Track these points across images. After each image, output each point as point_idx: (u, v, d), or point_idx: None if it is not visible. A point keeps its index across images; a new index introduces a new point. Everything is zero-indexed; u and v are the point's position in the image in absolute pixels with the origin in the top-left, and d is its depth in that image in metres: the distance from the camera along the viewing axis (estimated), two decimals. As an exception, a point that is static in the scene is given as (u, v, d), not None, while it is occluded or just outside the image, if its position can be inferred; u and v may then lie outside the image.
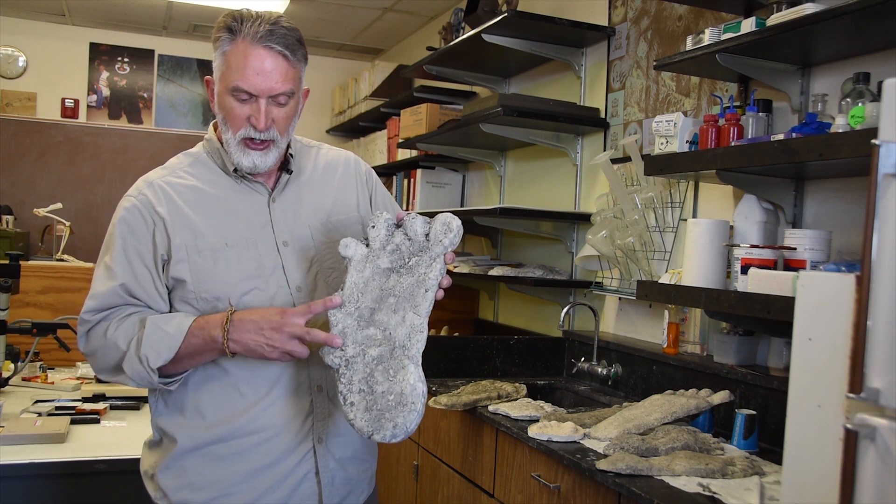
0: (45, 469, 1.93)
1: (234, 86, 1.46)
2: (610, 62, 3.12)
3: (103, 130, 5.63)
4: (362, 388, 1.39)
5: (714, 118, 2.17)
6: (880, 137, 1.14)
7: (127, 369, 1.46)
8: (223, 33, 1.48)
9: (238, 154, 1.52)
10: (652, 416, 2.10)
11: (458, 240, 1.43)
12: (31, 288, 3.39)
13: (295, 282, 1.55)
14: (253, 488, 1.52)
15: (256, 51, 1.45)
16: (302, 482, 1.55)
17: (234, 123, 1.50)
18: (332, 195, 1.66)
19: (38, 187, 5.41)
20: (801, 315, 1.29)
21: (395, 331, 1.40)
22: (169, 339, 1.44)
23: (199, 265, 1.50)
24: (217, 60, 1.50)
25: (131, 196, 1.55)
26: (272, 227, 1.57)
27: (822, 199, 2.13)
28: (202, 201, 1.54)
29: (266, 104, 1.48)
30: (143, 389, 2.61)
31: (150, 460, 1.59)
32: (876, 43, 1.94)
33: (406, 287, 1.41)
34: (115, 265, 1.50)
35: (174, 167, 1.60)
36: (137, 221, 1.52)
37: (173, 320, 1.47)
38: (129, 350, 1.45)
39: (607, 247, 2.75)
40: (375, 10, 4.98)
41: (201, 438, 1.52)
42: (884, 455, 1.10)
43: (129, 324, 1.48)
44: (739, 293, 1.93)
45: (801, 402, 1.28)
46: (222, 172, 1.59)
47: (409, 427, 1.36)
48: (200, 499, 1.52)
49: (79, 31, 5.71)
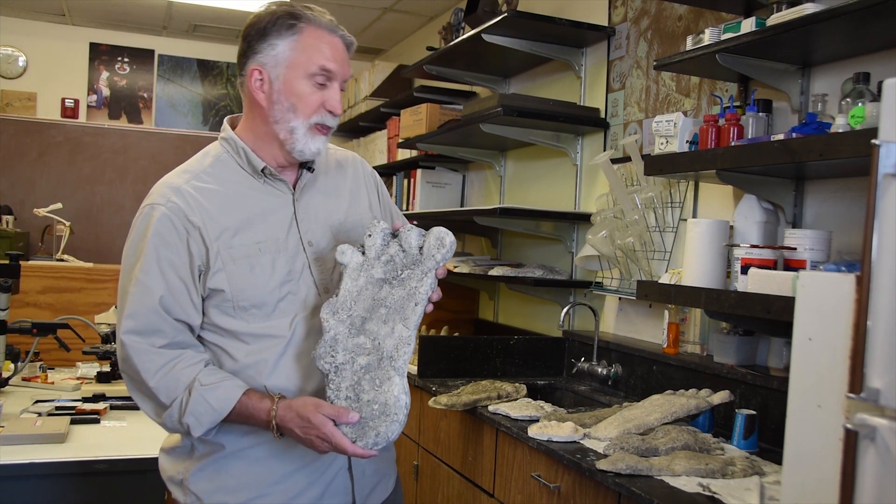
0: (45, 469, 1.93)
1: (320, 66, 1.47)
2: (610, 62, 3.12)
3: (103, 130, 5.63)
4: (349, 396, 1.43)
5: (714, 118, 2.17)
6: (880, 137, 1.14)
7: (166, 421, 1.47)
8: (285, 20, 1.48)
9: (306, 140, 1.50)
10: (652, 416, 2.10)
11: (451, 255, 1.45)
12: (31, 288, 3.39)
13: (322, 283, 1.55)
14: (289, 488, 1.52)
15: (332, 37, 1.50)
16: (335, 478, 1.55)
17: (306, 109, 1.49)
18: (346, 195, 1.65)
19: (38, 187, 5.41)
20: (801, 315, 1.29)
21: (384, 341, 1.43)
22: (212, 413, 1.44)
23: (235, 273, 1.47)
24: (280, 47, 1.48)
25: (159, 204, 1.48)
26: (297, 227, 1.55)
27: (822, 199, 2.13)
28: (230, 205, 1.50)
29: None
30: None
31: (177, 466, 1.55)
32: (876, 43, 1.94)
33: (397, 299, 1.44)
34: (149, 279, 1.45)
35: (196, 170, 1.54)
36: (169, 231, 1.46)
37: (219, 389, 1.44)
38: (172, 409, 1.44)
39: (607, 247, 2.75)
40: (375, 10, 4.98)
41: (242, 442, 1.50)
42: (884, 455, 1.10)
43: (174, 380, 1.44)
44: (739, 293, 1.93)
45: (801, 402, 1.28)
46: (244, 172, 1.55)
47: (391, 437, 1.41)
48: (235, 500, 1.50)
49: (79, 31, 5.71)
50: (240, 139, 1.55)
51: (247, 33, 1.53)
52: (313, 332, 1.51)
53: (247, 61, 1.53)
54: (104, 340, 2.79)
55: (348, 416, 1.41)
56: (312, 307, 1.52)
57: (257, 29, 1.50)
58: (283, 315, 1.50)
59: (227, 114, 6.05)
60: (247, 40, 1.53)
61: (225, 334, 1.50)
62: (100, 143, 5.59)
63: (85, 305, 3.41)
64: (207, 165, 1.55)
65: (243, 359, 1.50)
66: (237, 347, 1.50)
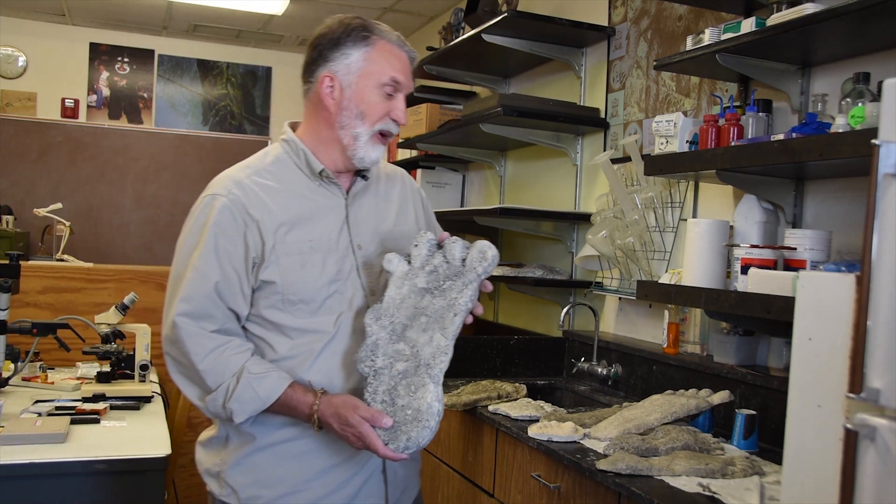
0: (45, 469, 1.93)
1: (389, 78, 1.56)
2: (610, 62, 3.12)
3: (103, 130, 5.62)
4: (385, 399, 1.47)
5: (714, 118, 2.17)
6: (880, 137, 1.14)
7: (209, 405, 1.51)
8: (359, 31, 1.57)
9: (367, 147, 1.58)
10: (652, 416, 2.10)
11: (492, 269, 1.49)
12: (31, 288, 3.39)
13: (369, 285, 1.60)
14: (322, 485, 1.56)
15: (400, 51, 1.59)
16: (369, 479, 1.60)
17: (372, 116, 1.57)
18: (395, 205, 1.72)
19: (38, 187, 5.41)
20: (801, 315, 1.29)
21: (423, 349, 1.46)
22: (257, 402, 1.49)
23: (287, 268, 1.52)
24: (354, 57, 1.56)
25: (221, 195, 1.54)
26: (349, 230, 1.61)
27: (822, 199, 2.12)
28: (287, 202, 1.56)
29: None
30: (143, 390, 2.63)
31: (214, 458, 1.61)
32: (876, 43, 1.94)
33: (437, 308, 1.47)
34: (207, 266, 1.51)
35: (257, 166, 1.61)
36: (229, 222, 1.52)
37: (266, 379, 1.49)
38: (217, 393, 1.49)
39: (607, 247, 2.75)
40: (375, 10, 4.98)
41: (276, 436, 1.55)
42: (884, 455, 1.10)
43: (223, 366, 1.49)
44: (739, 293, 1.93)
45: (801, 402, 1.28)
46: (301, 173, 1.61)
47: (421, 442, 1.44)
48: (270, 495, 1.54)
49: (79, 31, 5.71)
50: (300, 142, 1.62)
51: (318, 42, 1.60)
52: (356, 331, 1.56)
53: (317, 68, 1.59)
54: (104, 340, 2.79)
55: (382, 421, 1.45)
56: (358, 308, 1.57)
57: (330, 39, 1.58)
58: (328, 312, 1.55)
59: (227, 114, 6.10)
60: (318, 49, 1.59)
61: (270, 327, 1.55)
62: (100, 143, 5.59)
63: (85, 305, 3.41)
64: (268, 163, 1.62)
65: (285, 352, 1.54)
66: (281, 341, 1.55)
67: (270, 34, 5.68)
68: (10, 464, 1.90)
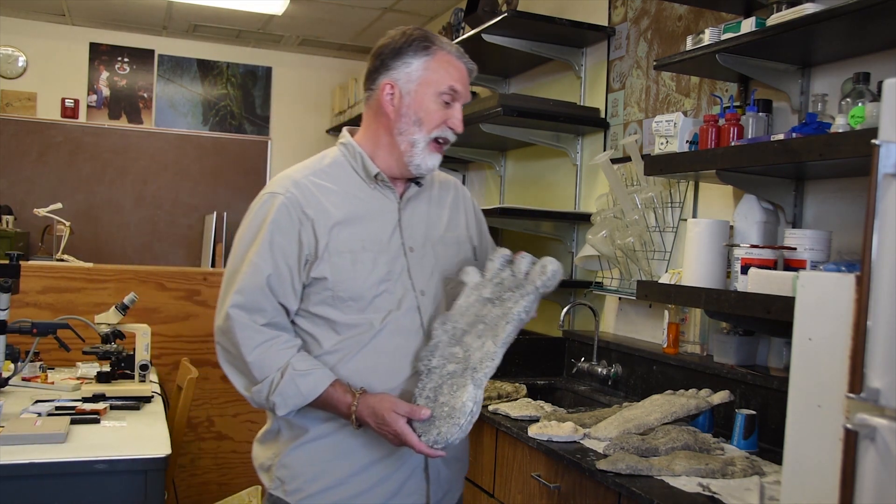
0: (45, 469, 1.93)
1: (447, 87, 1.61)
2: (610, 62, 3.12)
3: (103, 130, 5.62)
4: (429, 396, 1.53)
5: (714, 118, 2.17)
6: (880, 137, 1.14)
7: (255, 396, 1.57)
8: (420, 42, 1.62)
9: (423, 154, 1.63)
10: (652, 416, 2.10)
11: (553, 284, 1.55)
12: (31, 288, 3.39)
13: (419, 286, 1.64)
14: (364, 480, 1.60)
15: (459, 62, 1.65)
16: (411, 477, 1.63)
17: (430, 124, 1.62)
18: (447, 212, 1.77)
19: (38, 187, 5.41)
20: (801, 315, 1.29)
21: (473, 354, 1.51)
22: (299, 397, 1.54)
23: (339, 265, 1.57)
24: (414, 65, 1.62)
25: (279, 193, 1.60)
26: (400, 233, 1.65)
27: (822, 199, 2.12)
28: (342, 203, 1.61)
29: None
30: (143, 390, 2.63)
31: (267, 452, 1.67)
32: (876, 43, 1.94)
33: (494, 317, 1.53)
34: (261, 260, 1.57)
35: (315, 168, 1.67)
36: (285, 219, 1.58)
37: (309, 377, 1.54)
38: (262, 385, 1.55)
39: (607, 247, 2.75)
40: (375, 10, 4.98)
41: (320, 430, 1.60)
42: (884, 455, 1.10)
43: (270, 359, 1.55)
44: (739, 293, 1.93)
45: (801, 402, 1.28)
46: (357, 176, 1.66)
47: (450, 438, 1.48)
48: (314, 488, 1.60)
49: (79, 31, 5.71)
50: (357, 146, 1.68)
51: (380, 52, 1.66)
52: (402, 331, 1.61)
53: (378, 76, 1.66)
54: (104, 340, 2.79)
55: (420, 413, 1.50)
56: (407, 307, 1.62)
57: (392, 48, 1.64)
58: (376, 311, 1.59)
59: (227, 114, 6.11)
60: (380, 58, 1.65)
61: (320, 322, 1.60)
62: (100, 143, 5.58)
63: (85, 305, 3.41)
64: (325, 165, 1.68)
65: (330, 347, 1.60)
66: (328, 336, 1.60)
67: (270, 34, 5.68)
68: (10, 464, 1.90)
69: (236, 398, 3.77)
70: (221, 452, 3.73)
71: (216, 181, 5.78)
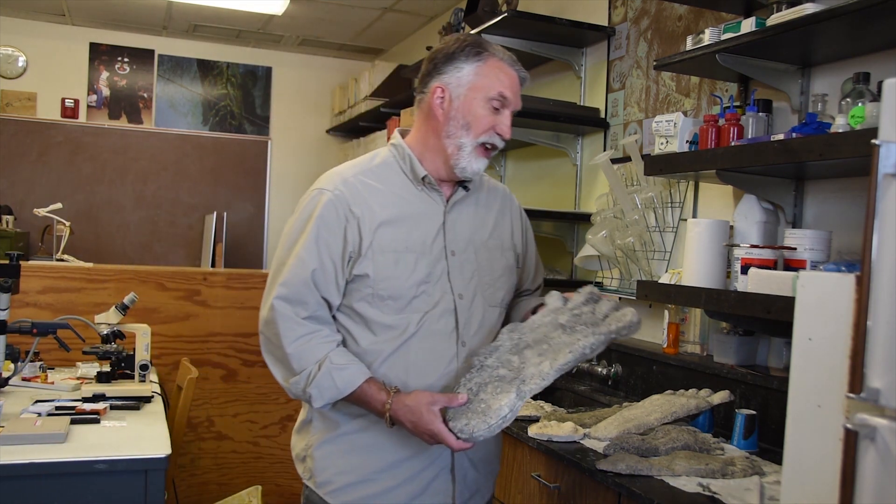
0: (45, 469, 1.93)
1: (497, 93, 1.63)
2: (610, 62, 3.12)
3: (103, 130, 5.62)
4: (472, 388, 1.55)
5: (714, 118, 2.17)
6: (880, 137, 1.14)
7: (292, 387, 1.60)
8: (473, 48, 1.65)
9: (470, 158, 1.65)
10: (652, 416, 2.10)
11: (626, 333, 1.55)
12: (31, 288, 3.39)
13: (457, 289, 1.67)
14: (391, 477, 1.64)
15: (510, 70, 1.66)
16: (437, 477, 1.67)
17: (478, 128, 1.64)
18: (492, 219, 1.79)
19: (38, 187, 5.41)
20: (801, 315, 1.29)
21: (528, 368, 1.53)
22: (335, 391, 1.57)
23: (381, 264, 1.61)
24: (465, 70, 1.64)
25: (327, 190, 1.64)
26: (444, 235, 1.68)
27: (822, 199, 2.12)
28: (389, 203, 1.65)
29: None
30: (143, 390, 2.63)
31: (302, 443, 1.72)
32: (876, 43, 1.94)
33: (560, 342, 1.55)
34: (307, 254, 1.60)
35: (364, 167, 1.70)
36: (332, 216, 1.61)
37: (345, 371, 1.57)
38: (300, 377, 1.58)
39: (607, 247, 2.75)
40: (375, 10, 4.98)
41: (352, 425, 1.64)
42: (884, 455, 1.10)
43: (309, 352, 1.58)
44: (739, 293, 1.93)
45: (801, 402, 1.28)
46: (405, 177, 1.69)
47: (475, 433, 1.50)
48: (341, 482, 1.64)
49: (79, 31, 5.71)
50: (407, 148, 1.70)
51: (434, 56, 1.69)
52: (437, 333, 1.64)
53: (430, 80, 1.68)
54: (104, 340, 2.79)
55: (458, 399, 1.53)
56: (443, 310, 1.65)
57: (445, 53, 1.67)
58: (414, 311, 1.62)
59: (227, 114, 6.11)
60: (433, 62, 1.68)
61: (358, 320, 1.64)
62: (100, 143, 5.59)
63: (85, 305, 3.41)
64: (375, 165, 1.71)
65: (366, 346, 1.63)
66: (364, 335, 1.63)
67: (270, 34, 5.68)
68: (10, 464, 1.90)
69: (236, 398, 3.79)
70: (221, 452, 3.73)
71: (216, 181, 5.78)
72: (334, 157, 6.21)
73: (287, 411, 3.80)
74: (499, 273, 1.75)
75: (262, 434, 3.79)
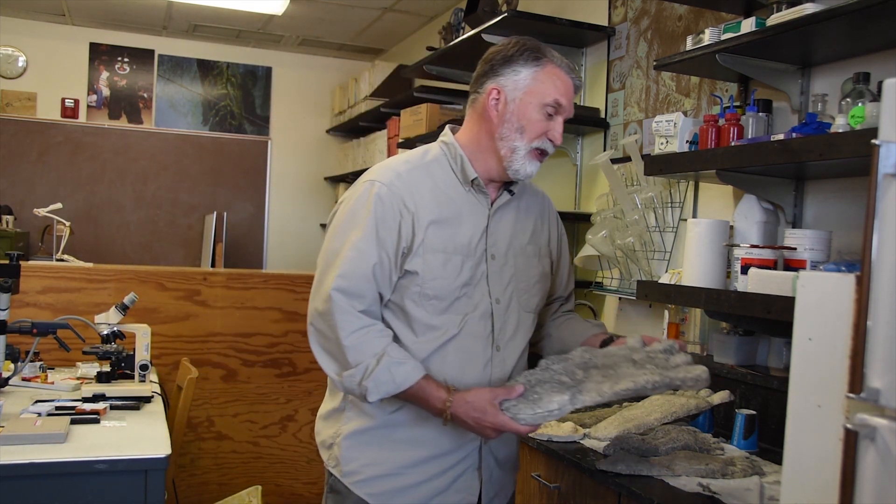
0: (45, 469, 1.93)
1: (552, 100, 1.63)
2: (610, 62, 3.12)
3: (103, 130, 5.62)
4: (529, 381, 1.59)
5: (714, 118, 2.17)
6: (880, 137, 1.14)
7: (346, 380, 1.57)
8: (532, 52, 1.64)
9: (523, 161, 1.65)
10: (652, 416, 2.10)
11: (691, 386, 1.56)
12: (31, 288, 3.39)
13: (495, 294, 1.68)
14: (418, 473, 1.65)
15: (567, 77, 1.67)
16: (462, 475, 1.68)
17: (531, 133, 1.64)
18: (531, 224, 1.79)
19: (38, 187, 5.41)
20: (801, 315, 1.29)
21: (588, 384, 1.57)
22: (392, 385, 1.55)
23: (431, 262, 1.61)
24: (523, 74, 1.64)
25: (382, 183, 1.62)
26: (486, 238, 1.68)
27: (822, 199, 2.12)
28: (440, 202, 1.64)
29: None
30: (143, 390, 2.63)
31: (330, 430, 1.71)
32: (876, 43, 1.94)
33: (625, 373, 1.58)
34: (367, 247, 1.58)
35: (417, 162, 1.69)
36: (387, 209, 1.60)
37: (404, 366, 1.56)
38: (356, 370, 1.55)
39: (607, 247, 2.75)
40: (375, 10, 4.98)
41: (386, 420, 1.64)
42: (884, 455, 1.10)
43: (367, 345, 1.56)
44: (739, 293, 1.93)
45: (801, 402, 1.28)
46: (455, 177, 1.68)
47: (519, 415, 1.53)
48: (369, 473, 1.65)
49: (79, 31, 5.71)
50: (459, 148, 1.69)
51: (491, 57, 1.68)
52: (474, 336, 1.65)
53: (486, 80, 1.67)
54: (104, 340, 2.79)
55: (515, 390, 1.55)
56: (482, 313, 1.66)
57: (503, 55, 1.66)
58: (456, 312, 1.63)
59: (227, 114, 6.11)
60: (490, 63, 1.68)
61: (402, 318, 1.64)
62: (100, 143, 5.59)
63: (85, 305, 3.41)
64: (426, 162, 1.70)
65: (407, 345, 1.63)
66: (406, 334, 1.63)
67: (270, 34, 5.68)
68: (10, 464, 1.90)
69: (236, 398, 3.79)
70: (221, 452, 3.73)
71: (216, 181, 5.78)
72: (334, 157, 6.21)
73: (287, 411, 3.80)
74: (535, 279, 1.76)
75: (262, 434, 3.79)
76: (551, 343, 1.87)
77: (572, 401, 1.53)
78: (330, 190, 6.27)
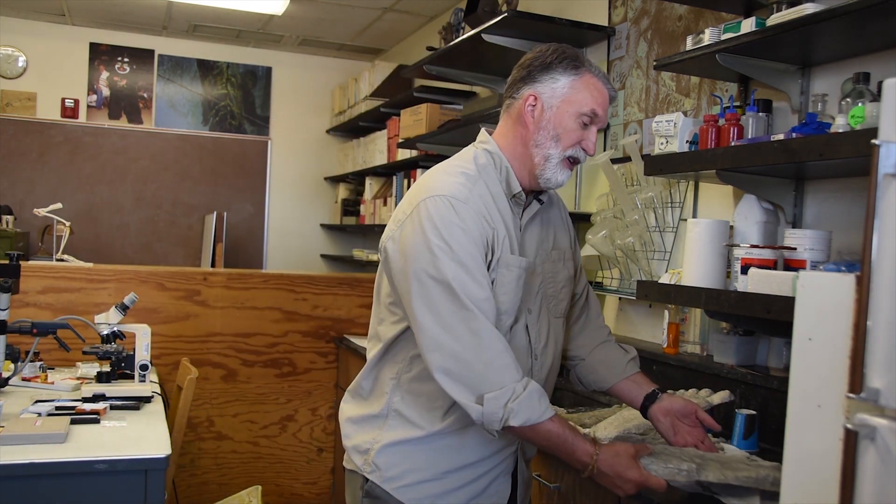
0: (45, 469, 1.93)
1: (589, 109, 1.62)
2: (610, 62, 3.12)
3: (103, 130, 5.63)
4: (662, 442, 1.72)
5: (714, 118, 2.16)
6: (880, 137, 1.14)
7: (488, 405, 1.48)
8: (571, 61, 1.63)
9: (556, 170, 1.64)
10: (652, 416, 2.10)
11: (769, 487, 1.60)
12: (31, 288, 3.39)
13: (527, 304, 1.67)
14: (457, 478, 1.65)
15: (603, 88, 1.65)
16: (496, 479, 1.69)
17: (567, 142, 1.63)
18: (553, 229, 1.79)
19: (38, 187, 5.42)
20: (801, 315, 1.29)
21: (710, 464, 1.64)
22: (537, 413, 1.50)
23: (506, 279, 1.59)
24: (559, 83, 1.62)
25: (460, 201, 1.55)
26: (518, 249, 1.66)
27: (822, 199, 2.12)
28: (502, 216, 1.62)
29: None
30: (143, 390, 2.63)
31: (366, 436, 1.67)
32: (876, 43, 1.94)
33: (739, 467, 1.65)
34: (474, 264, 1.52)
35: (474, 174, 1.62)
36: (474, 225, 1.55)
37: (545, 398, 1.53)
38: (500, 393, 1.48)
39: (607, 247, 2.75)
40: (375, 10, 4.98)
41: (433, 428, 1.63)
42: (884, 455, 1.10)
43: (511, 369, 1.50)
44: (739, 293, 1.93)
45: (801, 402, 1.27)
46: (501, 188, 1.65)
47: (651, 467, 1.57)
48: (409, 479, 1.63)
49: (79, 31, 5.71)
50: (505, 159, 1.67)
51: (529, 63, 1.66)
52: (518, 348, 1.63)
53: (523, 86, 1.66)
54: (104, 340, 2.79)
55: (648, 448, 1.61)
56: (522, 324, 1.65)
57: (542, 62, 1.64)
58: (508, 328, 1.62)
59: (227, 114, 6.10)
60: (527, 69, 1.66)
61: None
62: (100, 143, 5.59)
63: (85, 305, 3.41)
64: (483, 174, 1.64)
65: None
66: None
67: (270, 34, 5.68)
68: (10, 464, 1.90)
69: (236, 398, 3.79)
70: (221, 452, 3.74)
71: (216, 181, 5.79)
72: (334, 157, 6.21)
73: (287, 411, 3.80)
74: (561, 284, 1.75)
75: (262, 434, 3.80)
76: (585, 370, 1.88)
77: (698, 471, 1.57)
78: (330, 190, 6.27)
